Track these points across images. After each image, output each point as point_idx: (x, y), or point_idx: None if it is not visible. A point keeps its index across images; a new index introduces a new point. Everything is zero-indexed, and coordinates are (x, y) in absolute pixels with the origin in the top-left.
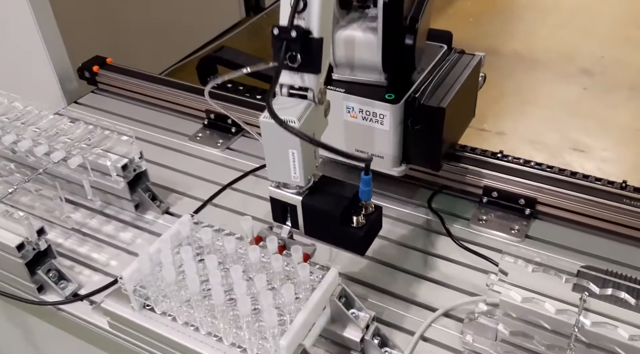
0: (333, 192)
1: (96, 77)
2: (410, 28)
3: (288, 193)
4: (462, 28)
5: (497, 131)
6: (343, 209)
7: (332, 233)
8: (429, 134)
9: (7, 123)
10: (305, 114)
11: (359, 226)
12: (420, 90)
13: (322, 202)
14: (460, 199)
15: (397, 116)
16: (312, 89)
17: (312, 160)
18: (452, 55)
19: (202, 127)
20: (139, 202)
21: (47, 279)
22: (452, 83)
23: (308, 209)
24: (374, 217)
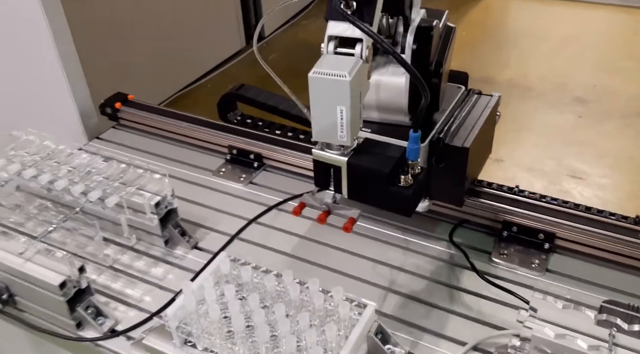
0: (379, 152)
1: (118, 113)
2: (436, 72)
3: (333, 154)
4: (459, 57)
5: (495, 158)
6: (391, 168)
7: (377, 194)
8: (453, 172)
9: (40, 162)
10: (355, 70)
11: (407, 185)
12: (443, 130)
13: (369, 162)
14: (479, 232)
15: (422, 155)
16: (362, 41)
17: (358, 119)
18: (471, 96)
19: (224, 162)
20: (169, 237)
21: (86, 316)
22: (474, 123)
23: (354, 169)
24: (421, 177)
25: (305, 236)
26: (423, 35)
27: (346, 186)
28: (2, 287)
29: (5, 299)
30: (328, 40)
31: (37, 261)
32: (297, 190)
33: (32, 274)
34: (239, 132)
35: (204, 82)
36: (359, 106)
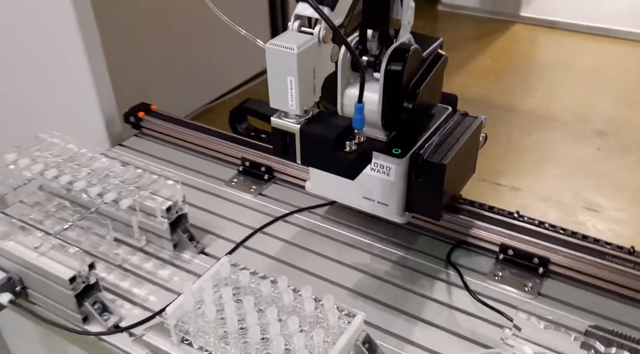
0: (329, 122)
1: (140, 122)
2: (411, 94)
3: (288, 122)
4: (482, 84)
5: (512, 186)
6: (337, 134)
7: (325, 159)
8: (431, 187)
9: (62, 163)
10: (305, 46)
11: (351, 151)
12: (424, 147)
13: (319, 129)
14: (477, 254)
15: (402, 169)
16: (320, 22)
17: (309, 91)
18: (456, 116)
19: (237, 173)
20: (178, 241)
21: (93, 311)
22: (454, 142)
23: (305, 135)
24: (365, 145)
25: (305, 247)
26: (397, 56)
27: (299, 152)
28: (16, 279)
29: (19, 291)
30: (294, 19)
31: (50, 255)
32: (303, 203)
33: (45, 267)
34: (251, 145)
35: (229, 98)
36: (312, 79)
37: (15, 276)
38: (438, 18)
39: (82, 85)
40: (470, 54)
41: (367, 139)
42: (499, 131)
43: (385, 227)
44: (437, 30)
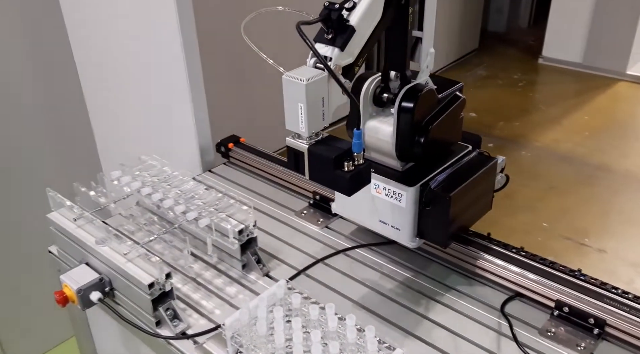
0: (333, 145)
1: (229, 152)
2: (424, 129)
3: (299, 142)
4: (576, 140)
5: (598, 247)
6: (336, 155)
7: (327, 177)
8: (438, 215)
9: (157, 183)
10: (314, 79)
11: (348, 170)
12: (434, 178)
13: (322, 150)
14: (533, 307)
15: (412, 197)
16: (330, 59)
17: (318, 117)
18: (474, 154)
19: (307, 205)
20: (246, 263)
21: (165, 316)
22: (465, 177)
23: (311, 155)
24: (362, 167)
25: (363, 281)
26: (409, 95)
27: (307, 168)
28: (107, 280)
29: (107, 291)
30: (311, 56)
31: (136, 262)
32: (365, 239)
33: (130, 272)
34: None
35: None
36: (321, 107)
37: (106, 277)
38: (538, 71)
39: (184, 118)
40: (568, 109)
41: (366, 161)
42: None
43: (443, 273)
44: (536, 83)
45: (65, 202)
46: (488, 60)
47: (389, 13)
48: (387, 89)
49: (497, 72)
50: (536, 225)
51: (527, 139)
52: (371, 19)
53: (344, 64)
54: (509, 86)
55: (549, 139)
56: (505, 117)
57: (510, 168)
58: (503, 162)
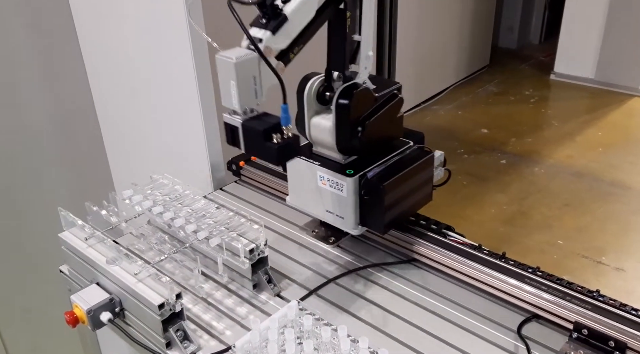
0: (264, 120)
1: (241, 170)
2: (360, 125)
3: (235, 118)
4: (590, 157)
5: (615, 266)
6: (265, 128)
7: (259, 148)
8: (375, 204)
9: (168, 202)
10: (243, 58)
11: (276, 142)
12: (372, 169)
13: (254, 124)
14: (550, 329)
15: (352, 187)
16: (262, 41)
17: (249, 94)
18: (413, 149)
19: (319, 223)
20: (257, 282)
21: (175, 337)
22: (400, 169)
23: (244, 129)
24: (289, 139)
25: (375, 302)
26: (345, 93)
27: (242, 142)
28: (117, 301)
29: (117, 311)
30: (245, 38)
31: (146, 282)
32: (376, 259)
33: (140, 292)
34: None
35: None
36: (253, 86)
37: (116, 297)
38: (550, 87)
39: (195, 136)
40: (581, 125)
41: (294, 135)
42: (604, 207)
43: (458, 293)
44: (548, 99)
45: (76, 221)
46: (499, 76)
47: (327, 13)
48: (329, 88)
49: (509, 89)
50: (552, 243)
51: (541, 156)
52: (305, 13)
53: (276, 48)
54: (521, 102)
55: (562, 156)
56: (517, 134)
57: (525, 185)
58: (442, 157)
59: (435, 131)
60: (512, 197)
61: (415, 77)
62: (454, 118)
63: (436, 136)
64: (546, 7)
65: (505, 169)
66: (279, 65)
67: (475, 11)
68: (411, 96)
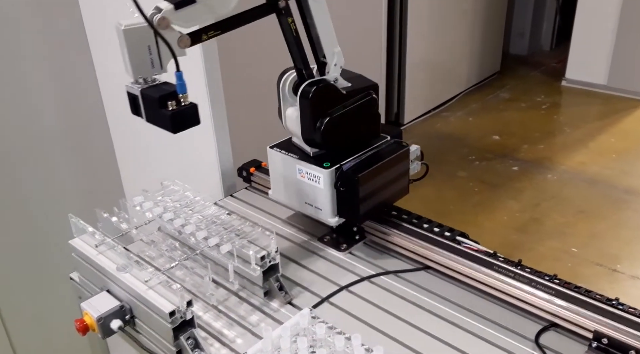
0: (161, 88)
1: (251, 177)
2: (322, 118)
3: (135, 87)
4: (603, 163)
5: (630, 274)
6: (160, 95)
7: (156, 116)
8: (350, 195)
9: (178, 209)
10: (133, 26)
11: (171, 109)
12: (348, 162)
13: (151, 92)
14: (569, 338)
15: (328, 178)
16: (160, 9)
17: (145, 63)
18: (389, 144)
19: (330, 230)
20: (268, 290)
21: (186, 346)
22: (375, 161)
23: (143, 97)
24: (185, 107)
25: (389, 310)
26: (308, 87)
27: (143, 110)
28: (127, 308)
29: (128, 319)
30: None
31: (157, 290)
32: (390, 266)
33: (150, 299)
34: None
35: None
36: (148, 55)
37: (126, 305)
38: (562, 93)
39: (206, 143)
40: (593, 131)
41: (192, 104)
42: (618, 214)
43: (474, 301)
44: (560, 105)
45: (87, 228)
46: (510, 83)
47: (259, 13)
48: (303, 82)
49: (520, 95)
50: (565, 251)
51: (553, 162)
52: (219, 6)
53: (176, 25)
54: (533, 109)
55: (575, 162)
56: (529, 140)
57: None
58: (418, 151)
59: (446, 138)
60: (525, 204)
61: (425, 84)
62: (464, 125)
63: (447, 142)
64: (557, 13)
65: (517, 175)
66: (184, 38)
67: (486, 17)
68: (421, 102)
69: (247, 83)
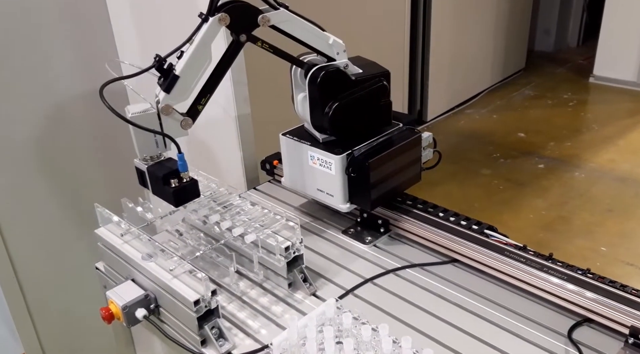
0: (165, 165)
1: (274, 169)
2: (330, 103)
3: (141, 163)
4: (634, 161)
5: None
6: (164, 173)
7: (161, 191)
8: (361, 180)
9: (203, 199)
10: (139, 113)
11: (174, 186)
12: (360, 148)
13: (155, 169)
14: (603, 334)
15: (340, 165)
16: (159, 100)
17: (150, 144)
18: (401, 131)
19: (355, 223)
20: (292, 281)
21: (210, 335)
22: (386, 148)
23: (149, 173)
24: (186, 183)
25: (416, 303)
26: (316, 72)
27: (149, 184)
28: (152, 297)
29: (153, 308)
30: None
31: (182, 279)
32: (416, 259)
33: (175, 288)
34: None
35: None
36: (152, 136)
37: (151, 294)
38: (590, 90)
39: (229, 135)
40: (622, 129)
41: (192, 179)
42: None
43: (503, 295)
44: (587, 103)
45: (112, 217)
46: (536, 80)
47: (231, 56)
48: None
49: (546, 92)
50: (594, 250)
51: (581, 160)
52: (198, 65)
53: (174, 104)
54: (559, 106)
55: (604, 160)
56: (556, 138)
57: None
58: (430, 138)
59: (470, 135)
60: (552, 202)
61: (449, 81)
62: (489, 122)
63: (471, 139)
64: (584, 9)
65: (544, 173)
66: (186, 120)
67: (511, 14)
68: (445, 99)
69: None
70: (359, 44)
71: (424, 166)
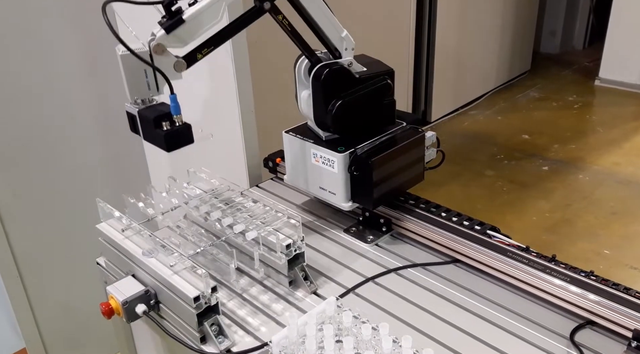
0: (157, 109)
1: (277, 167)
2: (334, 101)
3: (132, 107)
4: (637, 163)
5: None
6: (155, 116)
7: (152, 135)
8: (364, 179)
9: (204, 196)
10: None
11: (165, 129)
12: (362, 146)
13: (147, 113)
14: (606, 337)
15: (343, 163)
16: (155, 38)
17: (141, 85)
18: (405, 130)
19: (356, 222)
20: (293, 279)
21: (210, 332)
22: (389, 147)
23: (140, 117)
24: (179, 127)
25: (417, 303)
26: (319, 70)
27: (140, 129)
28: (152, 293)
29: (153, 304)
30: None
31: (182, 275)
32: (417, 259)
33: (175, 284)
34: None
35: None
36: (144, 78)
37: (151, 290)
38: (595, 93)
39: (232, 133)
40: (628, 131)
41: (185, 124)
42: None
43: (505, 296)
44: (592, 105)
45: (114, 212)
46: (541, 82)
47: (247, 20)
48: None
49: (551, 94)
50: (598, 252)
51: (585, 162)
52: (208, 20)
53: (172, 47)
54: (564, 108)
55: (608, 162)
56: (560, 140)
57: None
58: (433, 137)
59: (474, 136)
60: (555, 204)
61: (453, 82)
62: (493, 123)
63: (475, 141)
64: (591, 12)
65: (548, 175)
66: (180, 62)
67: (516, 15)
68: (449, 100)
69: (274, 74)
70: (364, 43)
71: (427, 166)
